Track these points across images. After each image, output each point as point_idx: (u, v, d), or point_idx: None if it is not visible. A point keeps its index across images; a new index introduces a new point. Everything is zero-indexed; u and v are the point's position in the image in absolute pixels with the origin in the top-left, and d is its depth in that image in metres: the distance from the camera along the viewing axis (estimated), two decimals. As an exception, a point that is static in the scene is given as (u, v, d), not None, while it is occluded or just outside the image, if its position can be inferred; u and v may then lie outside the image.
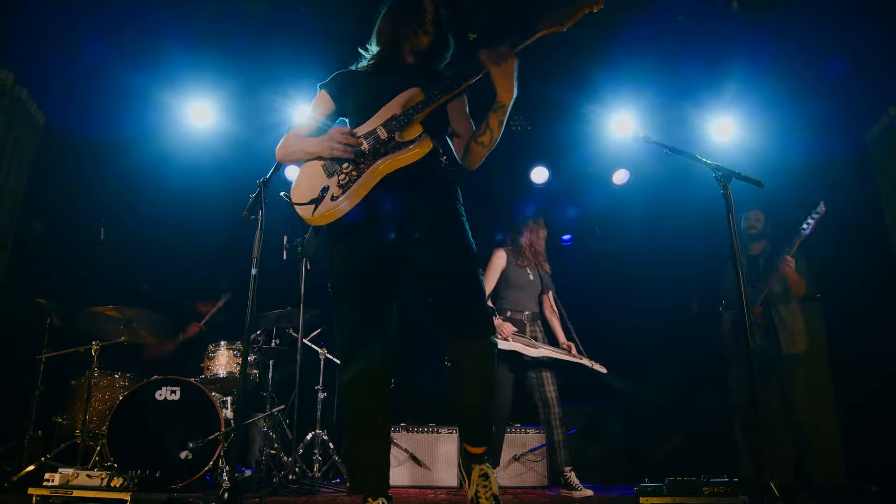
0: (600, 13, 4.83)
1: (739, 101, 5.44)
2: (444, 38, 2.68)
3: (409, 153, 2.37)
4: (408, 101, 2.45)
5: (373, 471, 2.38)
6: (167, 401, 4.42)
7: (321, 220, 2.39)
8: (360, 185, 2.35)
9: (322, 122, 2.63)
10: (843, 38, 4.62)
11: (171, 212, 5.73)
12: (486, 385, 2.43)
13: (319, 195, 2.38)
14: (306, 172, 2.51)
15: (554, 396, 4.56)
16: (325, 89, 2.67)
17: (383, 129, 2.42)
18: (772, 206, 4.91)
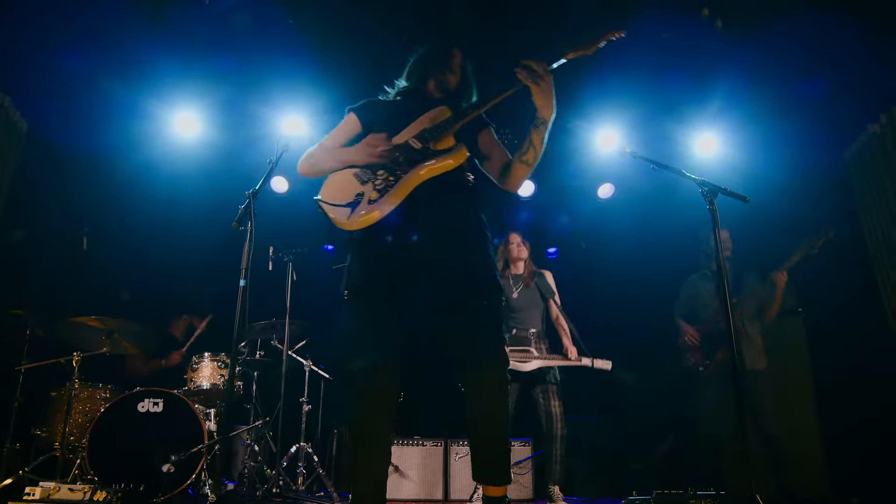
0: (587, 27, 4.90)
1: (723, 117, 5.51)
2: (468, 82, 2.78)
3: (446, 161, 2.40)
4: (436, 117, 2.52)
5: (372, 484, 2.38)
6: (150, 413, 4.37)
7: (357, 224, 2.36)
8: (397, 189, 2.35)
9: (348, 142, 2.67)
10: (824, 56, 4.70)
11: (155, 222, 5.69)
12: (505, 416, 2.40)
13: (355, 199, 2.37)
14: (336, 181, 2.51)
15: (559, 412, 4.53)
16: (354, 112, 2.72)
17: (416, 140, 2.46)
18: (748, 222, 4.94)
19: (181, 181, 5.65)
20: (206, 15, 4.92)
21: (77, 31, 4.83)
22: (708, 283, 4.83)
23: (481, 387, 2.37)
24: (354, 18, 4.93)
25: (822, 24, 4.50)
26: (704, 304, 4.79)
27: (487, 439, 2.39)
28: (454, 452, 5.04)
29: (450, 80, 2.73)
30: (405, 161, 2.42)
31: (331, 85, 5.35)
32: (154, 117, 5.50)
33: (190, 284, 5.85)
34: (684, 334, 4.81)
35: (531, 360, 4.54)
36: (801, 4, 4.48)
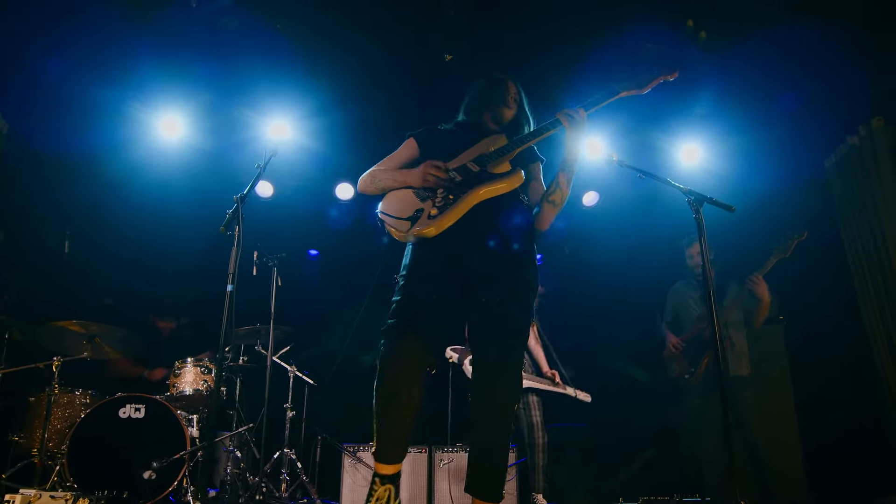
0: (572, 41, 4.95)
1: (706, 127, 5.58)
2: (525, 114, 2.93)
3: (504, 182, 2.56)
4: (493, 143, 2.66)
5: (392, 440, 2.49)
6: (131, 419, 4.32)
7: (414, 236, 2.52)
8: (455, 208, 2.50)
9: (405, 164, 2.81)
10: (805, 69, 4.79)
11: (139, 225, 5.63)
12: (509, 424, 2.53)
13: (414, 214, 2.52)
14: (397, 197, 2.66)
15: (539, 421, 4.59)
16: (414, 138, 2.89)
17: (474, 164, 2.60)
18: (731, 230, 4.99)
19: (165, 184, 5.61)
20: (190, 18, 4.90)
21: (59, 34, 4.79)
22: (693, 291, 4.88)
23: (493, 392, 2.46)
24: (340, 23, 4.93)
25: (804, 37, 4.60)
26: (689, 311, 4.83)
27: (488, 445, 2.48)
28: (438, 459, 5.02)
29: (505, 113, 2.86)
30: (464, 182, 2.56)
31: (316, 89, 5.34)
32: (137, 120, 5.46)
33: (173, 288, 5.79)
34: (668, 344, 4.84)
35: (523, 379, 4.60)
36: (782, 19, 4.56)
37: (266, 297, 4.99)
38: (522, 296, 2.57)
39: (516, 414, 4.62)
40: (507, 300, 2.51)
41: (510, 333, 2.51)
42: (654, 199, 5.79)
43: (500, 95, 2.87)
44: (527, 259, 2.64)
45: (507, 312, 2.50)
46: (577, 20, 4.73)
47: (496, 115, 2.86)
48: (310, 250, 6.77)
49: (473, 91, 2.98)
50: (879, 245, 4.88)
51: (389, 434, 2.48)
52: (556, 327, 5.51)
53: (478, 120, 2.90)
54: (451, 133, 2.90)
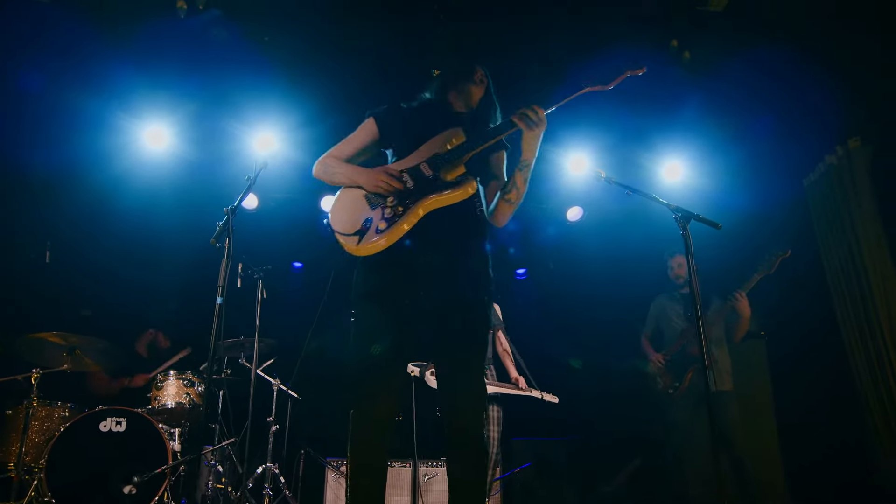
0: (555, 58, 5.00)
1: (688, 145, 5.66)
2: (491, 100, 2.82)
3: (454, 193, 2.45)
4: (450, 140, 2.54)
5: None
6: (112, 432, 4.26)
7: (365, 251, 2.42)
8: (404, 220, 2.41)
9: (365, 147, 2.72)
10: (784, 89, 4.89)
11: (123, 236, 5.57)
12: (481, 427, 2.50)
13: (363, 226, 2.42)
14: (347, 200, 2.56)
15: (496, 437, 4.56)
16: (374, 118, 2.74)
17: (427, 167, 2.49)
18: (713, 246, 5.06)
19: (149, 196, 5.56)
20: (175, 29, 4.89)
21: (39, 44, 4.75)
22: (675, 305, 4.93)
23: (457, 401, 2.44)
24: (326, 34, 4.95)
25: (783, 60, 4.71)
26: (671, 325, 4.88)
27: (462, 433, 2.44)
28: (423, 473, 5.00)
29: (473, 93, 2.76)
30: (415, 188, 2.46)
31: (302, 100, 5.34)
32: (122, 130, 5.41)
33: (156, 300, 5.73)
34: (652, 360, 4.88)
35: (487, 386, 4.59)
36: (763, 42, 4.67)
37: (250, 309, 4.95)
38: (478, 304, 2.52)
39: None
40: (463, 309, 2.47)
41: (470, 346, 2.49)
42: (638, 215, 5.85)
43: (467, 75, 2.76)
44: (480, 264, 2.55)
45: (463, 321, 2.47)
46: (560, 41, 4.80)
47: (463, 96, 2.77)
48: (294, 263, 6.74)
49: (441, 69, 2.90)
50: (857, 264, 4.97)
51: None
52: (540, 340, 5.54)
53: (443, 99, 2.79)
54: (414, 114, 2.78)
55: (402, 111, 2.79)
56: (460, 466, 2.45)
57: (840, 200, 5.19)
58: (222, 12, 4.74)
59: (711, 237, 3.50)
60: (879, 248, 4.88)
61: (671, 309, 4.95)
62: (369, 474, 2.41)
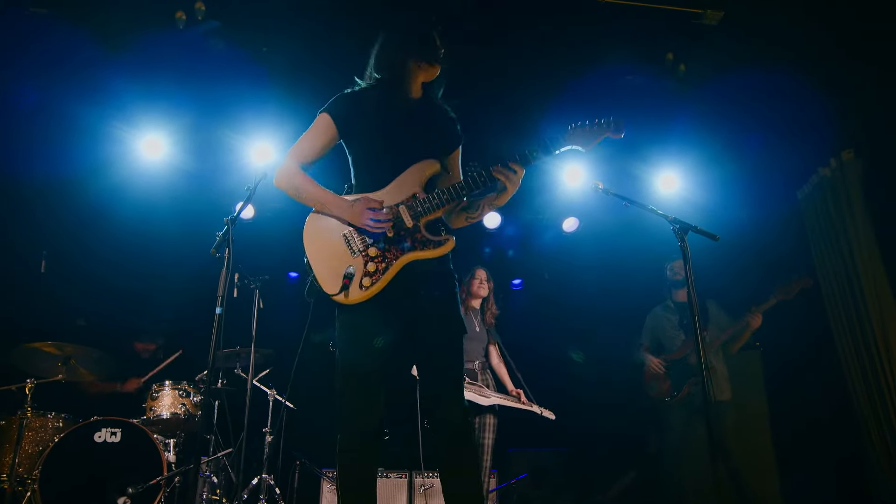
0: (552, 72, 5.03)
1: (684, 157, 5.71)
2: (441, 74, 2.68)
3: (435, 251, 2.48)
4: (425, 175, 2.53)
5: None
6: (106, 443, 4.24)
7: (350, 303, 2.42)
8: (388, 275, 2.43)
9: (325, 147, 2.62)
10: (780, 100, 4.93)
11: (119, 245, 5.56)
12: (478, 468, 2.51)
13: (346, 279, 2.39)
14: (324, 239, 2.51)
15: (489, 444, 4.57)
16: (328, 114, 2.60)
17: (407, 214, 2.48)
18: (711, 256, 5.10)
19: (146, 206, 5.55)
20: (172, 40, 4.90)
21: (37, 55, 4.76)
22: (671, 315, 4.96)
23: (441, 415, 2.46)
24: (325, 46, 4.97)
25: (777, 73, 4.76)
26: (669, 336, 4.91)
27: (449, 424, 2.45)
28: (419, 484, 4.98)
29: (435, 72, 2.62)
30: (395, 238, 2.46)
31: (300, 111, 5.35)
32: (119, 140, 5.41)
33: (151, 310, 5.72)
34: (649, 364, 4.89)
35: (490, 395, 4.61)
36: (757, 55, 4.73)
37: (246, 319, 4.94)
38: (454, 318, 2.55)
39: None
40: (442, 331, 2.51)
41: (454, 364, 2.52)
42: (632, 226, 5.88)
43: (429, 50, 2.57)
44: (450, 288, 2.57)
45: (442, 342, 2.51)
46: (560, 51, 4.84)
47: (426, 77, 2.62)
48: (290, 273, 6.73)
49: (390, 41, 2.66)
50: (852, 275, 5.00)
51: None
52: (536, 350, 5.55)
53: (401, 85, 2.59)
54: (370, 105, 2.57)
55: (355, 100, 2.62)
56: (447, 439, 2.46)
57: (834, 212, 5.23)
58: (220, 23, 4.77)
59: (707, 249, 3.53)
60: (873, 260, 4.91)
61: (666, 319, 4.98)
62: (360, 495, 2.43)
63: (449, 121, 2.73)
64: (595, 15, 4.39)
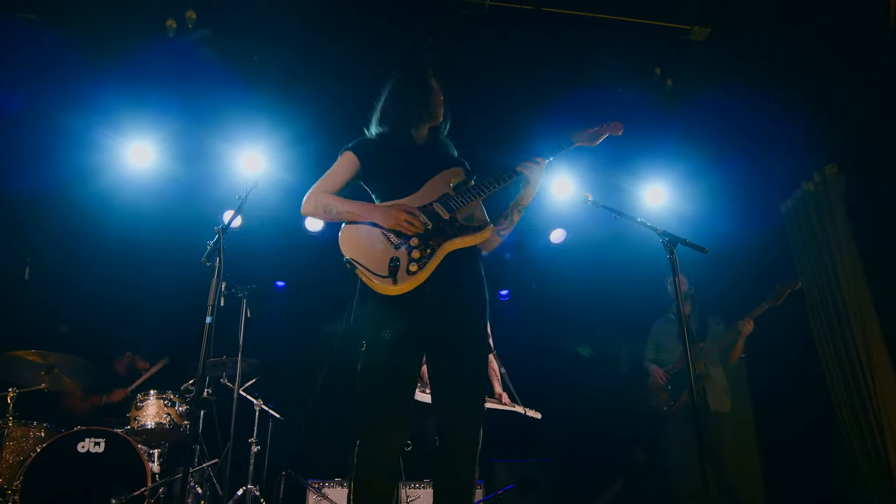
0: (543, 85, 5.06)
1: (671, 169, 5.77)
2: (447, 116, 2.90)
3: (476, 236, 2.59)
4: (451, 180, 2.68)
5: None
6: (90, 453, 4.18)
7: (397, 291, 2.44)
8: (433, 261, 2.48)
9: (349, 181, 2.76)
10: (766, 114, 5.00)
11: (105, 253, 5.51)
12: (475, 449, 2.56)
13: (391, 267, 2.44)
14: (365, 238, 2.55)
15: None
16: (352, 152, 2.76)
17: (443, 209, 2.58)
18: (704, 269, 5.15)
19: (132, 214, 5.51)
20: (161, 47, 4.88)
21: (23, 62, 4.72)
22: (671, 328, 5.04)
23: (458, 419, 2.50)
24: (314, 56, 4.98)
25: (762, 88, 4.84)
26: (668, 348, 4.99)
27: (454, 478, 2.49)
28: (405, 496, 4.96)
29: (437, 119, 2.83)
30: (434, 229, 2.53)
31: (288, 121, 5.36)
32: (106, 147, 5.37)
33: (135, 319, 5.66)
34: (653, 375, 4.97)
35: None
36: (743, 70, 4.81)
37: (232, 328, 4.91)
38: (482, 339, 2.63)
39: None
40: (471, 344, 2.58)
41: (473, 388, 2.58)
42: (620, 238, 5.93)
43: (428, 104, 2.80)
44: (481, 301, 2.67)
45: (470, 359, 2.57)
46: (549, 63, 4.88)
47: (422, 128, 2.83)
48: (276, 282, 6.71)
49: (391, 97, 2.86)
50: (835, 290, 5.05)
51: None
52: (523, 360, 5.55)
53: (404, 134, 2.80)
54: (386, 149, 2.78)
55: (374, 145, 2.82)
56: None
57: (817, 226, 5.28)
58: (211, 32, 4.76)
59: (695, 261, 3.58)
60: (855, 274, 4.97)
61: (667, 331, 5.08)
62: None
63: (453, 160, 2.86)
64: (586, 29, 4.45)
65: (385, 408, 2.44)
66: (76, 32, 4.65)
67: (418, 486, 4.86)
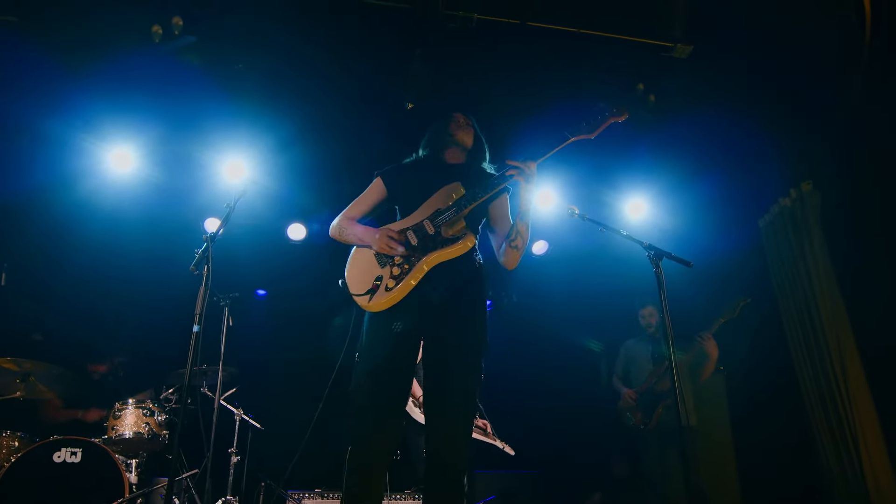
0: (525, 95, 5.10)
1: (651, 183, 5.85)
2: (480, 142, 3.05)
3: (454, 248, 2.65)
4: (450, 195, 2.73)
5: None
6: (66, 463, 4.09)
7: (376, 307, 2.62)
8: (411, 276, 2.61)
9: (375, 205, 2.95)
10: (745, 130, 5.10)
11: (83, 260, 5.42)
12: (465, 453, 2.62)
13: (374, 284, 2.63)
14: (359, 259, 2.78)
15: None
16: (381, 178, 2.97)
17: (430, 224, 2.68)
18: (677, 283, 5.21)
19: (112, 221, 5.44)
20: (145, 54, 4.83)
21: (2, 66, 4.65)
22: (644, 347, 5.12)
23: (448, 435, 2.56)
24: (299, 64, 4.97)
25: (742, 105, 4.95)
26: (639, 367, 5.06)
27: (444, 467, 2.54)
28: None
29: (461, 140, 2.97)
30: (418, 245, 2.66)
31: (270, 127, 5.34)
32: (87, 152, 5.29)
33: (115, 326, 5.58)
34: (624, 396, 5.03)
35: None
36: (723, 88, 4.90)
37: (212, 336, 4.86)
38: (474, 353, 2.67)
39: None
40: (460, 357, 2.62)
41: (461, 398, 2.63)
42: (602, 250, 6.00)
43: (448, 126, 2.99)
44: (479, 312, 2.73)
45: (459, 371, 2.61)
46: (534, 77, 4.94)
47: (453, 148, 2.99)
48: (257, 290, 6.66)
49: (431, 127, 3.10)
50: (811, 303, 5.15)
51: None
52: (503, 372, 5.56)
53: (436, 156, 3.01)
54: (414, 171, 3.00)
55: (405, 169, 3.03)
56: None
57: (794, 241, 5.39)
58: (197, 38, 4.74)
59: (675, 274, 3.63)
60: (830, 288, 5.06)
61: (639, 351, 5.15)
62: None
63: (488, 175, 2.91)
64: (571, 44, 4.51)
65: (376, 419, 2.53)
66: (57, 36, 4.60)
67: (401, 497, 4.84)
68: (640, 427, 4.87)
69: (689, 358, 4.82)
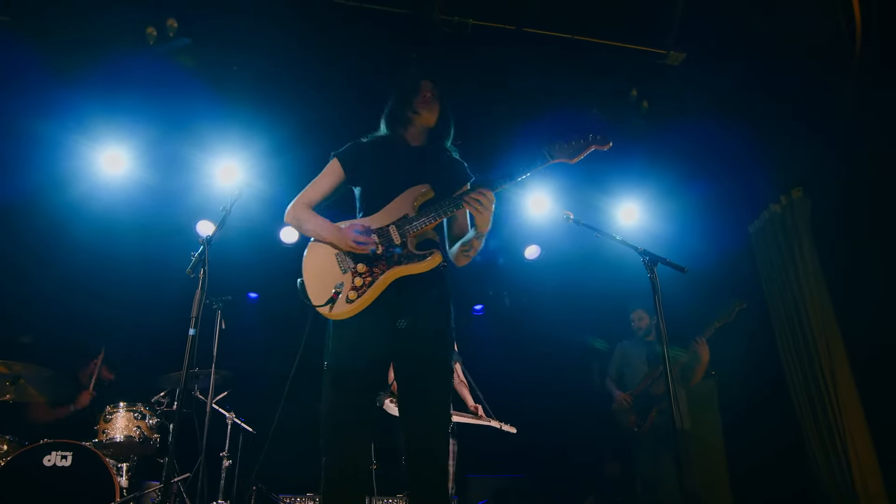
0: (519, 100, 5.12)
1: (644, 189, 5.88)
2: (446, 115, 2.85)
3: (421, 265, 2.56)
4: (417, 199, 2.63)
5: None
6: (56, 467, 4.06)
7: (338, 316, 2.53)
8: (374, 289, 2.52)
9: (333, 188, 2.78)
10: (736, 137, 5.14)
11: (74, 262, 5.38)
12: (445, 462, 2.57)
13: (335, 293, 2.50)
14: (319, 259, 2.62)
15: (451, 471, 4.55)
16: (338, 159, 2.79)
17: (396, 233, 2.58)
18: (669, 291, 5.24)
19: (103, 223, 5.41)
20: (138, 55, 4.82)
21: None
22: (638, 350, 5.13)
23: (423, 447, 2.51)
24: (293, 66, 4.97)
25: (733, 111, 5.00)
26: (633, 369, 5.07)
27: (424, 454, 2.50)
28: (377, 511, 4.92)
29: (427, 119, 2.79)
30: (383, 254, 2.56)
31: (264, 130, 5.33)
32: (79, 154, 5.26)
33: (103, 329, 5.53)
34: (618, 399, 5.05)
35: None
36: (715, 94, 4.95)
37: (204, 340, 4.83)
38: (441, 363, 2.61)
39: None
40: (427, 365, 2.57)
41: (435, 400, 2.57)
42: (594, 255, 6.02)
43: (413, 100, 2.79)
44: (443, 322, 2.65)
45: (428, 375, 2.57)
46: (528, 82, 4.96)
47: (412, 131, 2.82)
48: (249, 293, 6.64)
49: (396, 94, 2.89)
50: (801, 309, 5.19)
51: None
52: (496, 375, 5.58)
53: (397, 135, 2.83)
54: (374, 153, 2.79)
55: (364, 148, 2.83)
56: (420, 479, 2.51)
57: (784, 248, 5.44)
58: (191, 40, 4.73)
59: (664, 280, 3.66)
60: (820, 294, 5.11)
61: (633, 354, 5.17)
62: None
63: (454, 162, 2.85)
64: (566, 51, 4.53)
65: (346, 428, 2.49)
66: (50, 36, 4.58)
67: (389, 501, 4.84)
68: (634, 430, 4.89)
69: (685, 359, 4.84)
